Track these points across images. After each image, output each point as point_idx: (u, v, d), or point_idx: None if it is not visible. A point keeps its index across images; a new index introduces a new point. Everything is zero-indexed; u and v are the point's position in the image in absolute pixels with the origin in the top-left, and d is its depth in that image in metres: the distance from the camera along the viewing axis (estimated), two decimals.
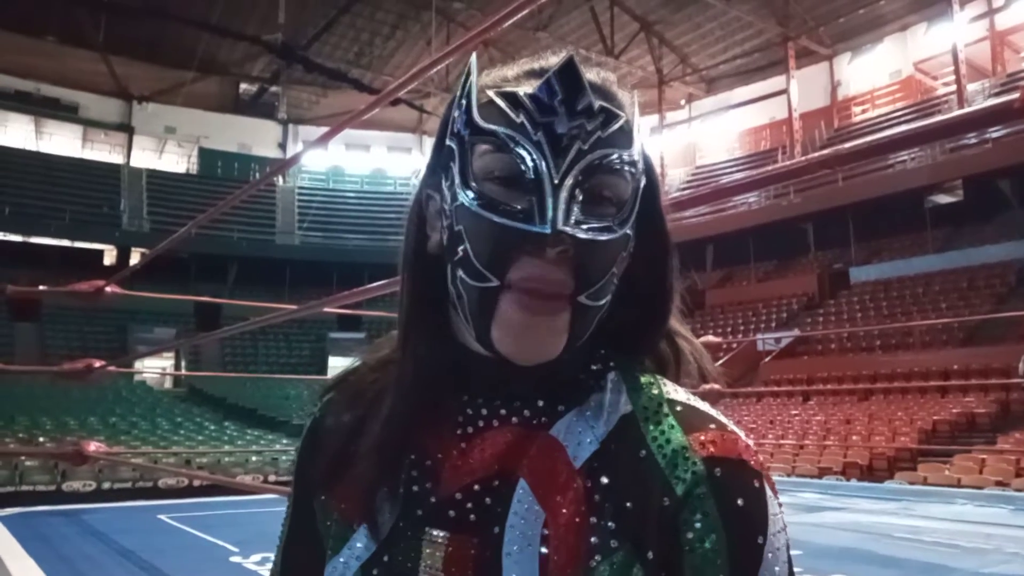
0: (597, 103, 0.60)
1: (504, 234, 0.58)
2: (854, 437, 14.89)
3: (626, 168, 0.61)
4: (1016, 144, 16.89)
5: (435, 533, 0.62)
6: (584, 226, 0.59)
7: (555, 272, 0.58)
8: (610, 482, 0.61)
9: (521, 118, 0.59)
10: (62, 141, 28.98)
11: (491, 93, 0.62)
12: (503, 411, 0.65)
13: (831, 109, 26.45)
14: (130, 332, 24.57)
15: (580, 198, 0.59)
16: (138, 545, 9.29)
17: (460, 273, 0.61)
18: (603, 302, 0.62)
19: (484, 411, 0.65)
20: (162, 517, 11.62)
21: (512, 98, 0.60)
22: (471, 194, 0.60)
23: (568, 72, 0.59)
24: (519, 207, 0.59)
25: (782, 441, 15.53)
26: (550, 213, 0.57)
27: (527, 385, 0.65)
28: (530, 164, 0.59)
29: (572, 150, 0.59)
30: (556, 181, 0.58)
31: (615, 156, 0.60)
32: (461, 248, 0.61)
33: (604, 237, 0.60)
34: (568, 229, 0.57)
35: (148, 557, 8.61)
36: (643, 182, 0.65)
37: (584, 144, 0.59)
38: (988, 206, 20.10)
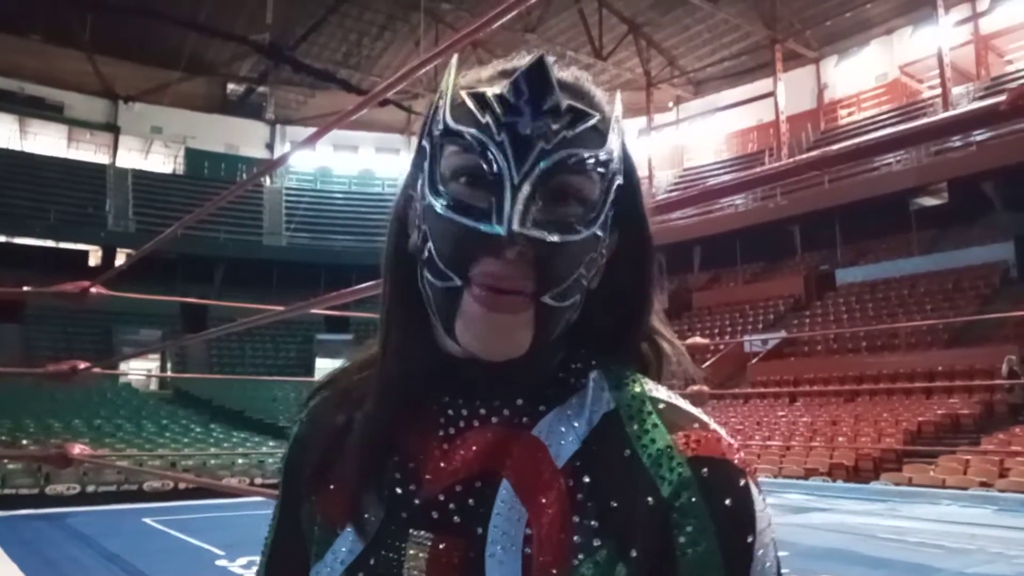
0: (565, 102, 0.60)
1: (464, 234, 0.59)
2: (840, 438, 14.96)
3: (596, 169, 0.61)
4: (1000, 147, 17.05)
5: (419, 535, 0.62)
6: (543, 227, 0.58)
7: (513, 271, 0.58)
8: (593, 481, 0.61)
9: (487, 119, 0.60)
10: (47, 141, 28.76)
11: (464, 94, 0.62)
12: (483, 411, 0.65)
13: (818, 112, 26.59)
14: (115, 333, 24.40)
15: (541, 198, 0.59)
16: (123, 549, 9.22)
17: (426, 273, 0.62)
18: (570, 303, 0.62)
19: (465, 411, 0.65)
20: (147, 520, 11.54)
21: (480, 99, 0.61)
22: (436, 195, 0.61)
23: (537, 72, 0.59)
24: (480, 207, 0.59)
25: (769, 442, 15.60)
26: (507, 214, 0.57)
27: (507, 385, 0.65)
28: (492, 165, 0.59)
29: (535, 150, 0.59)
30: (516, 182, 0.58)
31: (581, 155, 0.60)
32: (427, 247, 0.61)
33: (565, 238, 0.59)
34: (524, 230, 0.57)
35: (133, 561, 8.55)
36: (619, 182, 0.64)
37: (548, 144, 0.59)
38: (973, 208, 20.26)
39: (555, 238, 0.59)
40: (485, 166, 0.59)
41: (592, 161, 0.61)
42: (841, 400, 17.44)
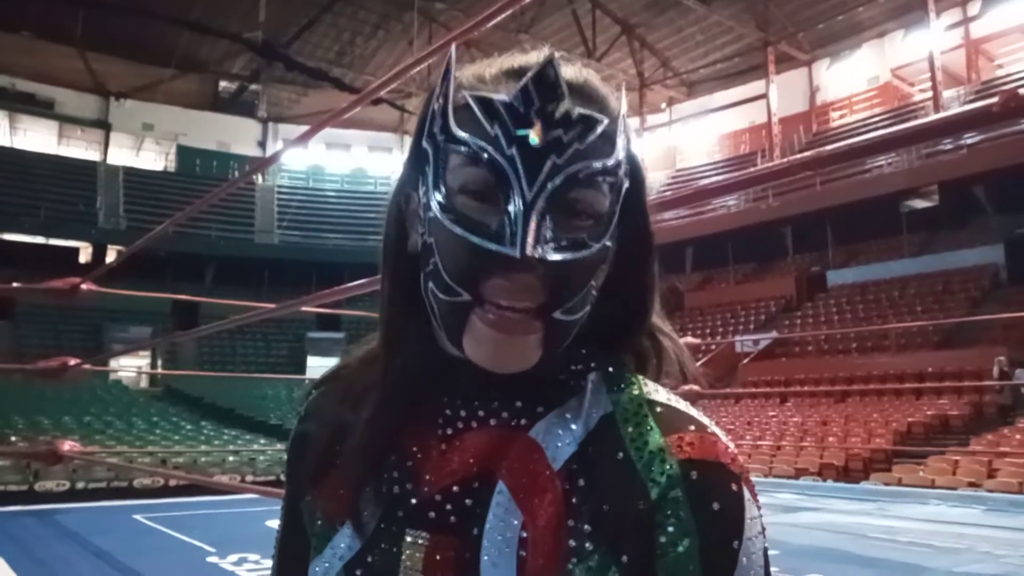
0: (576, 110, 0.58)
1: (474, 252, 0.57)
2: (830, 438, 15.02)
3: (605, 180, 0.60)
4: (991, 150, 17.15)
5: (416, 534, 0.62)
6: (555, 245, 0.57)
7: (526, 291, 0.58)
8: (587, 484, 0.60)
9: (495, 130, 0.58)
10: (37, 137, 28.57)
11: (468, 95, 0.60)
12: (482, 412, 0.64)
13: (810, 114, 26.67)
14: (106, 331, 24.29)
15: (552, 215, 0.58)
16: (113, 546, 9.18)
17: (431, 285, 0.61)
18: (579, 315, 0.61)
19: (463, 412, 0.65)
20: (137, 517, 11.50)
21: (488, 105, 0.59)
22: (443, 207, 0.59)
23: (546, 77, 0.58)
24: (490, 224, 0.58)
25: (759, 442, 15.65)
26: (519, 234, 0.56)
27: (506, 387, 0.64)
28: (502, 180, 0.57)
29: (546, 165, 0.57)
30: (528, 199, 0.57)
31: (592, 168, 0.59)
32: (432, 260, 0.60)
33: (577, 255, 0.59)
34: (537, 253, 0.56)
35: (123, 558, 8.52)
36: (626, 185, 0.63)
37: (559, 158, 0.57)
38: (963, 211, 20.38)
39: (568, 256, 0.58)
40: (494, 181, 0.58)
41: (602, 173, 0.60)
42: (831, 400, 17.50)
